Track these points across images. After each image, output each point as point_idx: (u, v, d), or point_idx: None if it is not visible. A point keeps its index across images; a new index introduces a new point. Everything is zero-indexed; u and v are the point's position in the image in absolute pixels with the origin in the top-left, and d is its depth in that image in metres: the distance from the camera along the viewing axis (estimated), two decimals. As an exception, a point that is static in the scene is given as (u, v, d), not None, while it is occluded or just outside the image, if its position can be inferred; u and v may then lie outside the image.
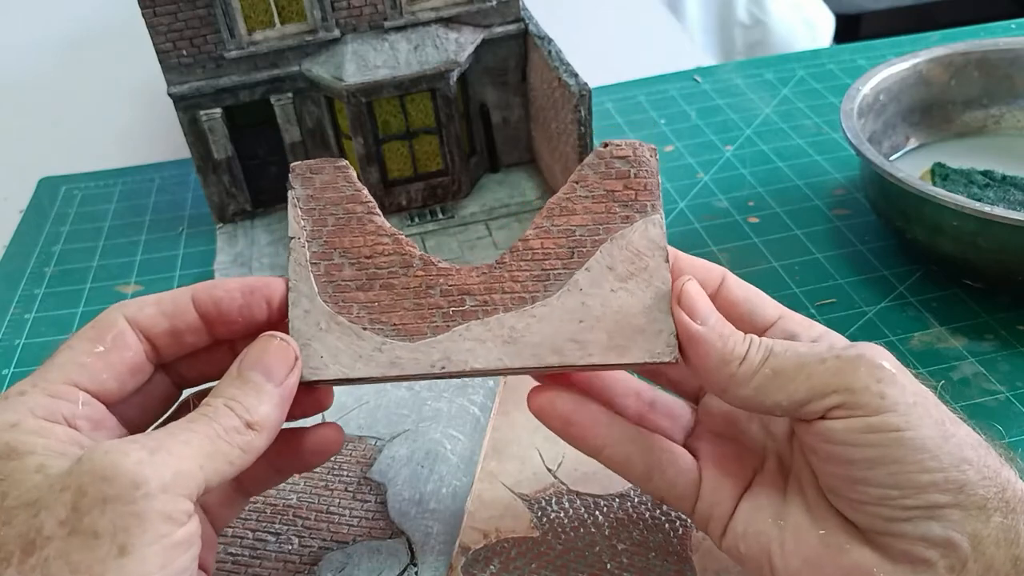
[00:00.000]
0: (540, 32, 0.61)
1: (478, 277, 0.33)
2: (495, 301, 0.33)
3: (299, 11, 0.59)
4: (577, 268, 0.33)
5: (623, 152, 0.34)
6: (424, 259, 0.34)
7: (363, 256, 0.33)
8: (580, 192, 0.34)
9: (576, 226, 0.33)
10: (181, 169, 0.75)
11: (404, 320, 0.33)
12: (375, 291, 0.33)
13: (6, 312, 0.61)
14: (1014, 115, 0.65)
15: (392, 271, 0.33)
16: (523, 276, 0.33)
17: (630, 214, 0.33)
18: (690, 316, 0.32)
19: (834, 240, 0.60)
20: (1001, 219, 0.48)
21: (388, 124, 0.61)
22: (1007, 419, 0.46)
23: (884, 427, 0.29)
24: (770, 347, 0.31)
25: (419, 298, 0.33)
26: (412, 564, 0.39)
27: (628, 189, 0.34)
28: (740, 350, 0.31)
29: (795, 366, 0.30)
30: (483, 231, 0.63)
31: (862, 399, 0.29)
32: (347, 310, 0.33)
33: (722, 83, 0.82)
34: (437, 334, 0.33)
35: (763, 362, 0.31)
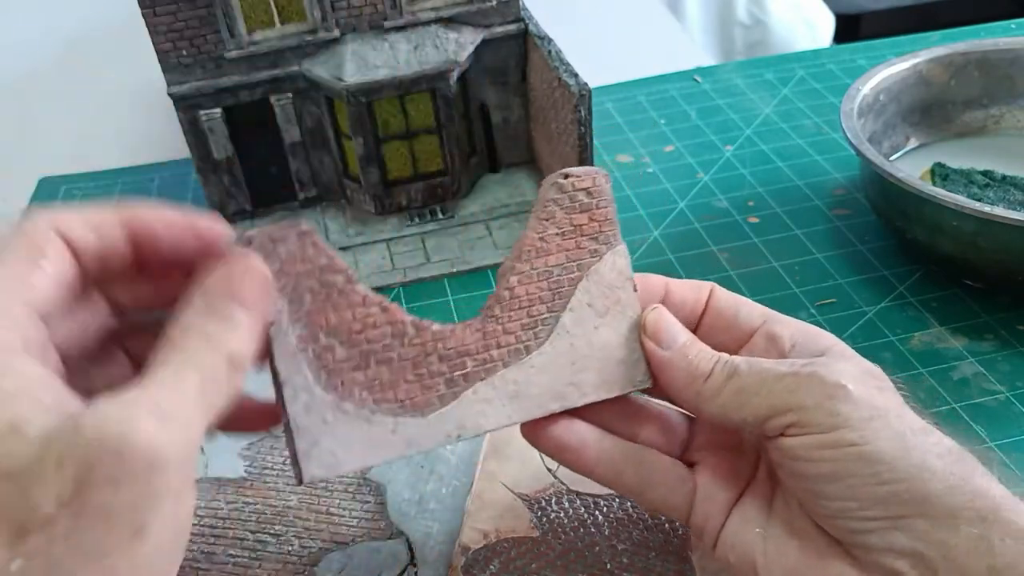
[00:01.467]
0: (540, 32, 0.61)
1: (473, 335, 0.33)
2: (494, 357, 0.33)
3: (299, 11, 0.59)
4: (561, 310, 0.33)
5: (584, 184, 0.34)
6: (416, 324, 0.32)
7: (353, 332, 0.31)
8: (550, 230, 0.34)
9: (553, 266, 0.33)
10: (181, 169, 0.75)
11: (410, 394, 0.31)
12: (372, 368, 0.31)
13: (6, 312, 0.61)
14: (1014, 115, 0.65)
15: (386, 344, 0.31)
16: (514, 327, 0.33)
17: (597, 247, 0.34)
18: (655, 343, 0.34)
19: (834, 240, 0.60)
20: (1001, 219, 0.48)
21: (388, 124, 0.61)
22: (1007, 419, 0.46)
23: (838, 443, 0.29)
24: (735, 365, 0.32)
25: (419, 368, 0.32)
26: (412, 564, 0.39)
27: (593, 222, 0.34)
28: (705, 368, 0.32)
29: (757, 383, 0.31)
30: (483, 231, 0.63)
31: (815, 417, 0.30)
32: (349, 394, 0.31)
33: (722, 83, 0.82)
34: (446, 403, 0.32)
35: (727, 379, 0.32)
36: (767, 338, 0.34)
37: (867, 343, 0.52)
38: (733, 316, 0.35)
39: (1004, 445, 0.45)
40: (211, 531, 0.41)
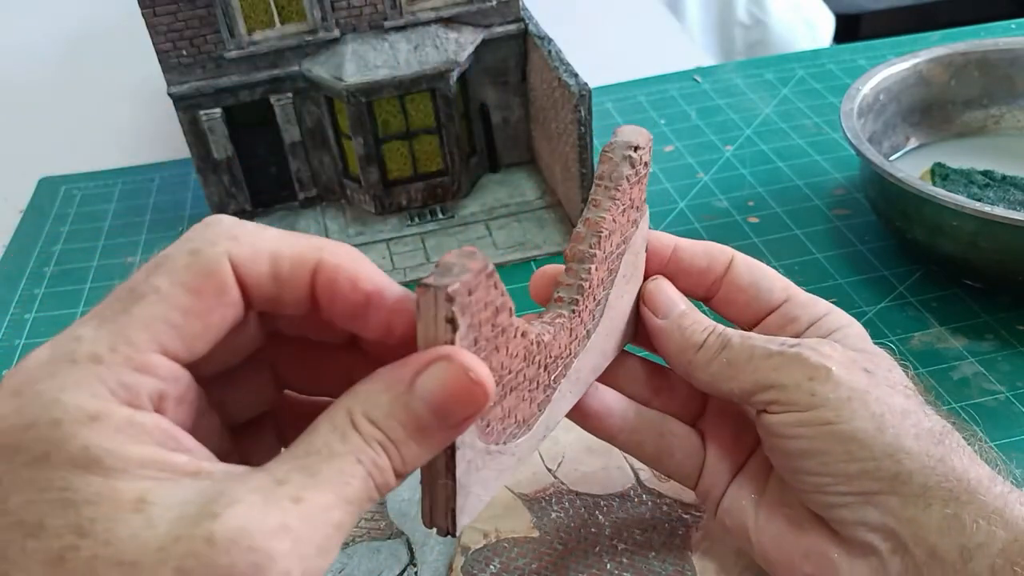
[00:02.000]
0: (540, 32, 0.61)
1: (566, 336, 0.30)
2: (572, 351, 0.32)
3: (299, 11, 0.59)
4: (610, 287, 0.33)
5: (648, 156, 0.32)
6: (537, 341, 0.28)
7: (505, 371, 0.27)
8: (618, 208, 0.31)
9: (615, 246, 0.32)
10: (181, 169, 0.75)
11: (525, 412, 0.29)
12: (507, 399, 0.28)
13: (6, 312, 0.61)
14: (1014, 115, 0.65)
15: (519, 370, 0.28)
16: (586, 316, 0.32)
17: (637, 216, 0.33)
18: (652, 313, 0.34)
19: (834, 240, 0.60)
20: (1001, 219, 0.48)
21: (388, 124, 0.61)
22: (1007, 419, 0.46)
23: (814, 421, 0.30)
24: (728, 338, 0.33)
25: (531, 383, 0.29)
26: (412, 564, 0.39)
27: (640, 192, 0.33)
28: (697, 339, 0.33)
29: (745, 358, 0.32)
30: (483, 231, 0.63)
31: (793, 396, 0.31)
32: (490, 434, 0.27)
33: (722, 83, 0.82)
34: (543, 409, 0.30)
35: (719, 351, 0.33)
36: (785, 319, 0.35)
37: (867, 343, 0.52)
38: (754, 293, 0.35)
39: (1004, 445, 0.45)
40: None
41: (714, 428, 0.36)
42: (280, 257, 0.24)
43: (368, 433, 0.22)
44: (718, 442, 0.36)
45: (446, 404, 0.23)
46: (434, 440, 0.24)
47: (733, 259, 0.35)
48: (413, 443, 0.23)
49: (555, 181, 0.64)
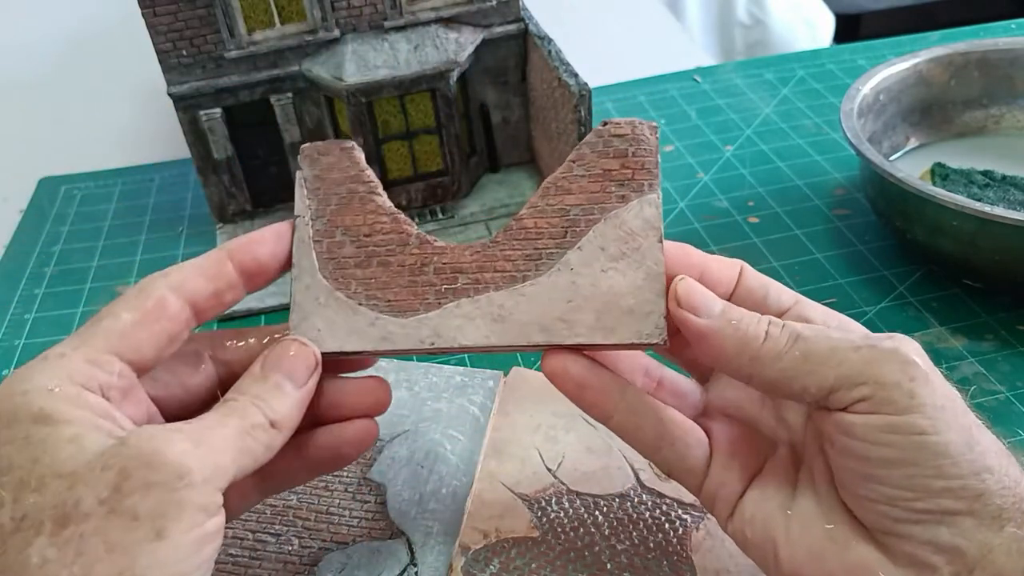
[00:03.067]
0: (540, 32, 0.61)
1: (471, 256, 0.34)
2: (486, 280, 0.33)
3: (299, 11, 0.59)
4: (570, 247, 0.33)
5: (622, 130, 0.33)
6: (420, 238, 0.34)
7: (363, 234, 0.34)
8: (577, 171, 0.33)
9: (571, 206, 0.33)
10: (181, 169, 0.75)
11: (399, 296, 0.34)
12: (372, 268, 0.34)
13: (6, 312, 0.61)
14: (1014, 115, 0.65)
15: (389, 249, 0.34)
16: (515, 255, 0.33)
17: (626, 193, 0.33)
18: (691, 313, 0.31)
19: (834, 240, 0.60)
20: (1001, 219, 0.48)
21: (388, 124, 0.61)
22: (1007, 419, 0.46)
23: (908, 428, 0.28)
24: (797, 329, 0.30)
25: (414, 275, 0.34)
26: (412, 564, 0.39)
27: (625, 168, 0.33)
28: (756, 331, 0.30)
29: (827, 350, 0.29)
30: (483, 231, 0.63)
31: (892, 395, 0.28)
32: (345, 286, 0.34)
33: (722, 83, 0.82)
34: (428, 311, 0.33)
35: (790, 343, 0.30)
36: (799, 320, 0.33)
37: (867, 343, 0.52)
38: (763, 296, 0.34)
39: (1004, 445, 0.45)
40: (211, 531, 0.41)
41: (721, 429, 0.35)
42: (200, 264, 0.33)
43: (236, 397, 0.31)
44: (730, 441, 0.34)
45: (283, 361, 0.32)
46: (291, 395, 0.32)
47: (743, 269, 0.35)
48: (274, 399, 0.31)
49: (555, 181, 0.64)
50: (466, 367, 0.50)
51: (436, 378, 0.49)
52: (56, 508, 0.26)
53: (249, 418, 0.30)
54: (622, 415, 0.33)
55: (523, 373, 0.49)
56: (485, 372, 0.49)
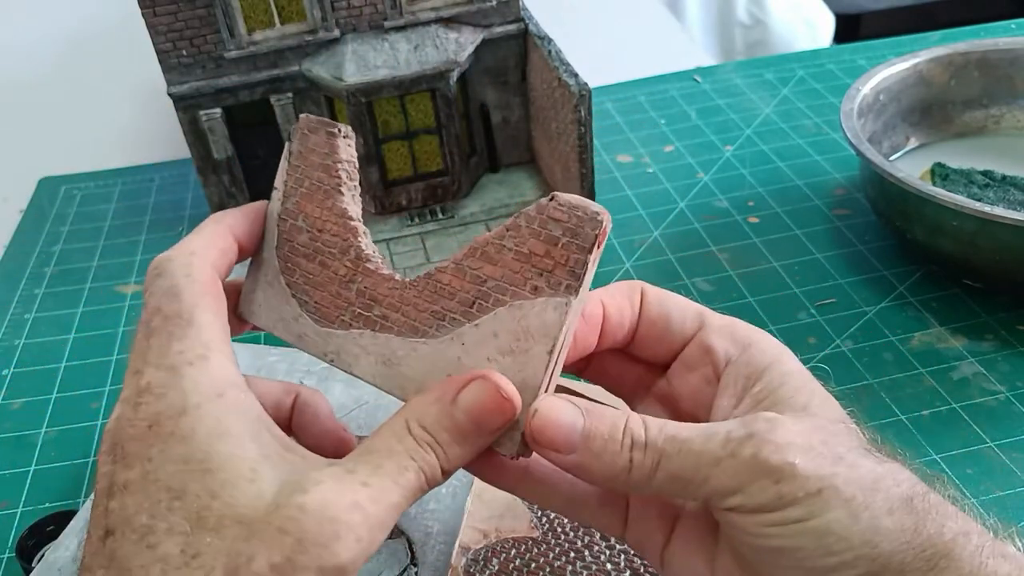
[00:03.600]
0: (540, 32, 0.61)
1: (389, 290, 0.33)
2: (392, 320, 0.32)
3: (299, 11, 0.59)
4: (470, 320, 0.31)
5: (560, 216, 0.30)
6: (358, 252, 0.33)
7: (316, 228, 0.34)
8: (507, 242, 0.31)
9: (488, 277, 0.31)
10: (181, 169, 0.75)
11: (323, 303, 0.34)
12: (314, 264, 0.34)
13: (6, 312, 0.61)
14: (1014, 115, 0.65)
15: (331, 252, 0.34)
16: (424, 307, 0.32)
17: (540, 286, 0.30)
18: (556, 451, 0.30)
19: (834, 240, 0.60)
20: (1001, 219, 0.48)
21: (388, 124, 0.61)
22: (1007, 419, 0.46)
23: (784, 520, 0.28)
24: (659, 448, 0.29)
25: (340, 287, 0.34)
26: (412, 564, 0.39)
27: (548, 258, 0.30)
28: (622, 462, 0.29)
29: (691, 468, 0.29)
30: (483, 231, 0.63)
31: (759, 500, 0.28)
32: (290, 272, 0.34)
33: (722, 83, 0.82)
34: (340, 328, 0.33)
35: (654, 468, 0.29)
36: (701, 350, 0.33)
37: (867, 343, 0.52)
38: (665, 324, 0.33)
39: (1004, 445, 0.45)
40: (211, 531, 0.41)
41: None
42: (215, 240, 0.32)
43: (420, 436, 0.29)
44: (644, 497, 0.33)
45: (482, 415, 0.29)
46: (472, 444, 0.29)
47: (643, 291, 0.34)
48: (455, 445, 0.29)
49: (555, 181, 0.64)
50: (466, 367, 0.50)
51: (436, 378, 0.49)
52: (230, 558, 0.25)
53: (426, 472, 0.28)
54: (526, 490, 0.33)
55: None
56: (485, 372, 0.49)
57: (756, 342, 0.32)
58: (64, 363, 0.56)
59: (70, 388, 0.54)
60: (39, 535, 0.42)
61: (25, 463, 0.49)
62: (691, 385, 0.33)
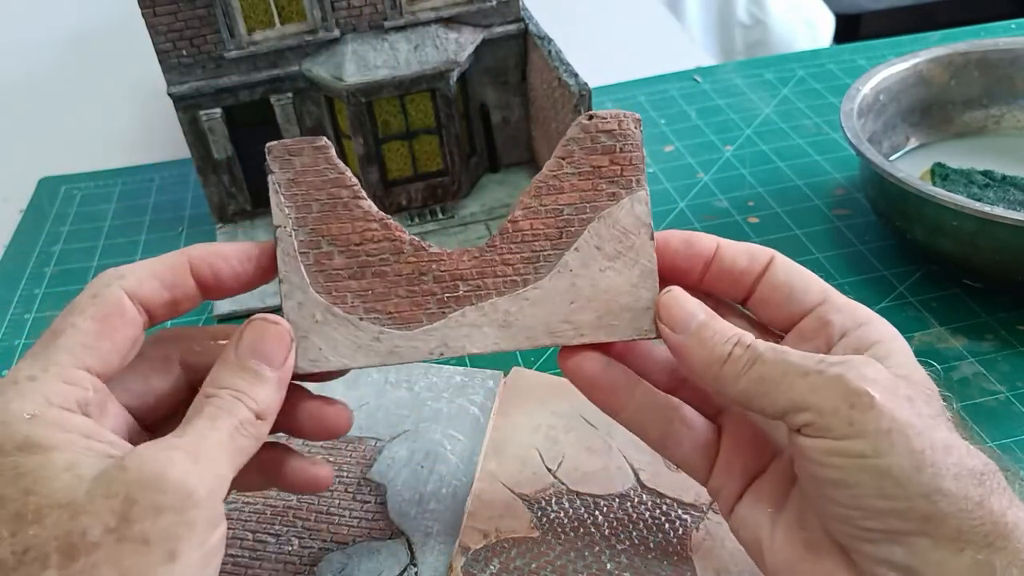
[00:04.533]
0: (540, 32, 0.61)
1: (470, 261, 0.33)
2: (488, 285, 0.33)
3: (299, 11, 0.59)
4: (566, 249, 0.33)
5: (608, 125, 0.33)
6: (415, 244, 0.33)
7: (352, 243, 0.33)
8: (567, 169, 0.33)
9: (564, 205, 0.33)
10: (181, 169, 0.75)
11: (399, 308, 0.33)
12: (367, 279, 0.33)
13: (6, 312, 0.61)
14: (1014, 115, 0.65)
15: (383, 258, 0.33)
16: (514, 259, 0.33)
17: (616, 191, 0.33)
18: (670, 328, 0.33)
19: (834, 240, 0.60)
20: (1001, 219, 0.48)
21: (388, 124, 0.61)
22: (1007, 419, 0.46)
23: (848, 452, 0.28)
24: (758, 352, 0.31)
25: (412, 285, 0.33)
26: (412, 564, 0.39)
27: (614, 164, 0.33)
28: (721, 352, 0.31)
29: (779, 374, 0.30)
30: (483, 231, 0.63)
31: (830, 422, 0.29)
32: (341, 300, 0.33)
33: (722, 83, 0.82)
34: (433, 321, 0.33)
35: (748, 365, 0.31)
36: (819, 322, 0.33)
37: (867, 343, 0.52)
38: (789, 292, 0.34)
39: (1004, 445, 0.45)
40: (211, 531, 0.41)
41: (734, 427, 0.35)
42: (157, 271, 0.32)
43: (216, 393, 0.30)
44: (736, 443, 0.35)
45: (258, 345, 0.31)
46: (271, 380, 0.31)
47: (773, 259, 0.35)
48: (255, 387, 0.31)
49: (555, 181, 0.64)
50: (466, 367, 0.50)
51: (436, 378, 0.49)
52: (60, 539, 0.26)
53: (236, 415, 0.30)
54: (629, 413, 0.35)
55: (523, 373, 0.49)
56: (485, 372, 0.49)
57: (873, 322, 0.33)
58: (64, 363, 0.56)
59: (70, 388, 0.54)
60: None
61: (25, 463, 0.49)
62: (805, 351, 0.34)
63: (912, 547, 0.28)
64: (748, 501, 0.34)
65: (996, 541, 0.28)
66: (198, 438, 0.29)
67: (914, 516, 0.28)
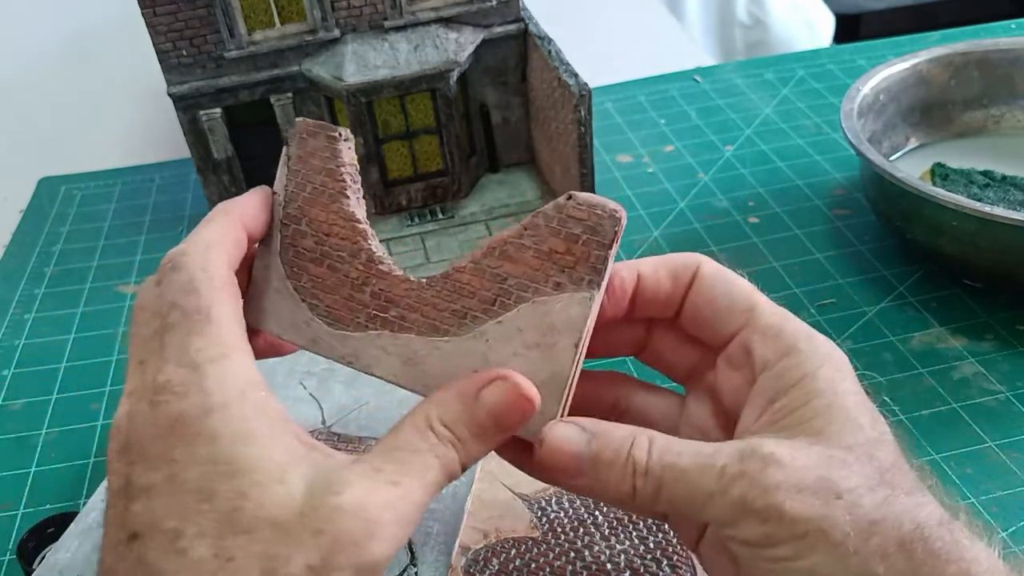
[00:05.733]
0: (540, 32, 0.61)
1: (406, 291, 0.33)
2: (410, 320, 0.33)
3: (299, 11, 0.59)
4: (492, 318, 0.32)
5: (580, 214, 0.31)
6: (369, 255, 0.33)
7: (323, 232, 0.33)
8: (526, 240, 0.31)
9: (509, 275, 0.32)
10: (181, 169, 0.75)
11: (335, 306, 0.33)
12: (323, 268, 0.33)
13: (6, 312, 0.61)
14: (1014, 115, 0.65)
15: (340, 255, 0.33)
16: (444, 306, 0.32)
17: (562, 282, 0.31)
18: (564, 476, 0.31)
19: (834, 240, 0.60)
20: (1001, 219, 0.48)
21: (388, 124, 0.61)
22: (1007, 419, 0.46)
23: (772, 557, 0.28)
24: (658, 476, 0.30)
25: (353, 290, 0.33)
26: (412, 564, 0.39)
27: (569, 255, 0.31)
28: (626, 488, 0.30)
29: (687, 498, 0.29)
30: (483, 231, 0.63)
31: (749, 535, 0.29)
32: (297, 277, 0.34)
33: (722, 83, 0.82)
34: (356, 330, 0.33)
35: (656, 493, 0.30)
36: (742, 350, 0.32)
37: (867, 343, 0.52)
38: (713, 311, 0.32)
39: (1004, 445, 0.45)
40: (211, 531, 0.41)
41: None
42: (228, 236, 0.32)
43: (442, 434, 0.29)
44: None
45: (502, 413, 0.29)
46: (490, 440, 0.30)
47: (698, 270, 0.33)
48: (475, 442, 0.29)
49: (555, 181, 0.64)
50: (466, 367, 0.50)
51: (436, 378, 0.49)
52: (265, 561, 0.25)
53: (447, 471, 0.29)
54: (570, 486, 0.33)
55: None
56: (485, 372, 0.49)
57: (799, 350, 0.31)
58: (64, 363, 0.56)
59: (70, 389, 0.54)
60: (40, 537, 0.42)
61: (26, 464, 0.49)
62: (733, 383, 0.32)
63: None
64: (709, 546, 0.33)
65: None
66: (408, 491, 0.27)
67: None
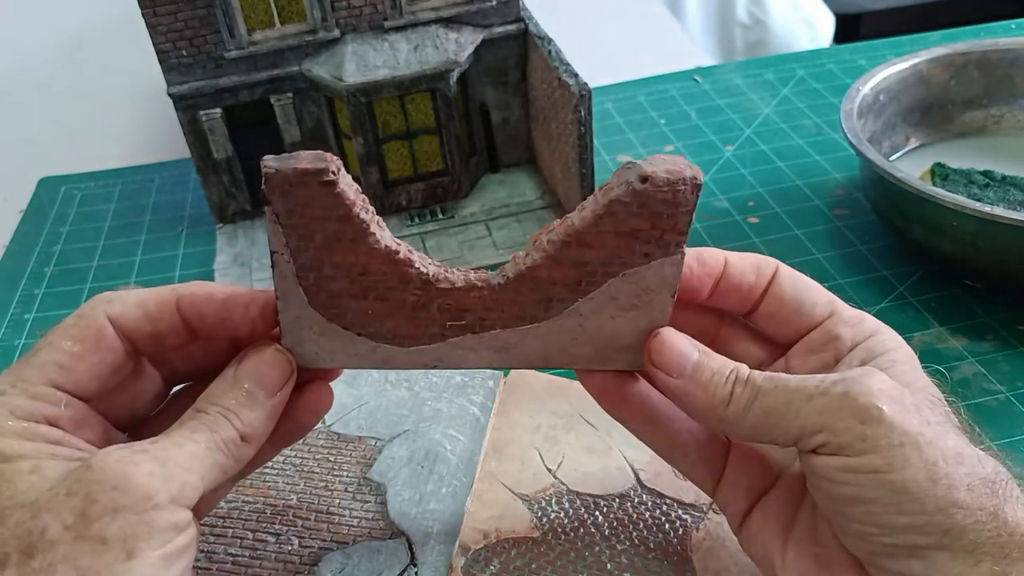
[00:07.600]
0: (540, 32, 0.61)
1: (478, 298, 0.32)
2: (492, 319, 0.32)
3: (299, 11, 0.59)
4: (581, 296, 0.32)
5: (663, 195, 0.30)
6: (423, 279, 0.32)
7: (356, 272, 0.31)
8: (604, 227, 0.31)
9: (590, 259, 0.31)
10: (181, 169, 0.75)
11: (401, 328, 0.32)
12: (369, 300, 0.32)
13: (6, 312, 0.61)
14: (1014, 115, 0.65)
15: (388, 287, 0.32)
16: (526, 300, 0.32)
17: (651, 251, 0.31)
18: (664, 372, 0.32)
19: (834, 240, 0.60)
20: (1001, 219, 0.48)
21: (388, 124, 0.61)
22: (1007, 419, 0.46)
23: (863, 468, 0.28)
24: (758, 386, 0.31)
25: (416, 311, 0.32)
26: (412, 564, 0.39)
27: (655, 229, 0.31)
28: (722, 393, 0.31)
29: (784, 404, 0.30)
30: (483, 231, 0.63)
31: (844, 440, 0.29)
32: (340, 316, 0.32)
33: (722, 83, 0.82)
34: (433, 342, 0.32)
35: (751, 402, 0.30)
36: (827, 336, 0.33)
37: (867, 343, 0.52)
38: (796, 306, 0.34)
39: (1004, 445, 0.45)
40: (211, 530, 0.41)
41: (740, 445, 0.35)
42: (146, 301, 0.32)
43: (207, 409, 0.31)
44: (743, 458, 0.35)
45: (258, 370, 0.32)
46: (263, 405, 0.31)
47: (777, 271, 0.34)
48: (245, 409, 0.31)
49: (555, 181, 0.64)
50: (466, 367, 0.50)
51: (436, 378, 0.49)
52: (20, 538, 0.26)
53: (219, 432, 0.30)
54: (639, 424, 0.35)
55: (523, 373, 0.49)
56: (485, 372, 0.49)
57: (881, 332, 0.33)
58: (64, 363, 0.56)
59: (70, 388, 0.54)
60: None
61: (25, 463, 0.49)
62: (808, 367, 0.34)
63: (930, 561, 0.28)
64: (757, 518, 0.33)
65: (1012, 552, 0.28)
66: (171, 445, 0.29)
67: (932, 530, 0.28)
